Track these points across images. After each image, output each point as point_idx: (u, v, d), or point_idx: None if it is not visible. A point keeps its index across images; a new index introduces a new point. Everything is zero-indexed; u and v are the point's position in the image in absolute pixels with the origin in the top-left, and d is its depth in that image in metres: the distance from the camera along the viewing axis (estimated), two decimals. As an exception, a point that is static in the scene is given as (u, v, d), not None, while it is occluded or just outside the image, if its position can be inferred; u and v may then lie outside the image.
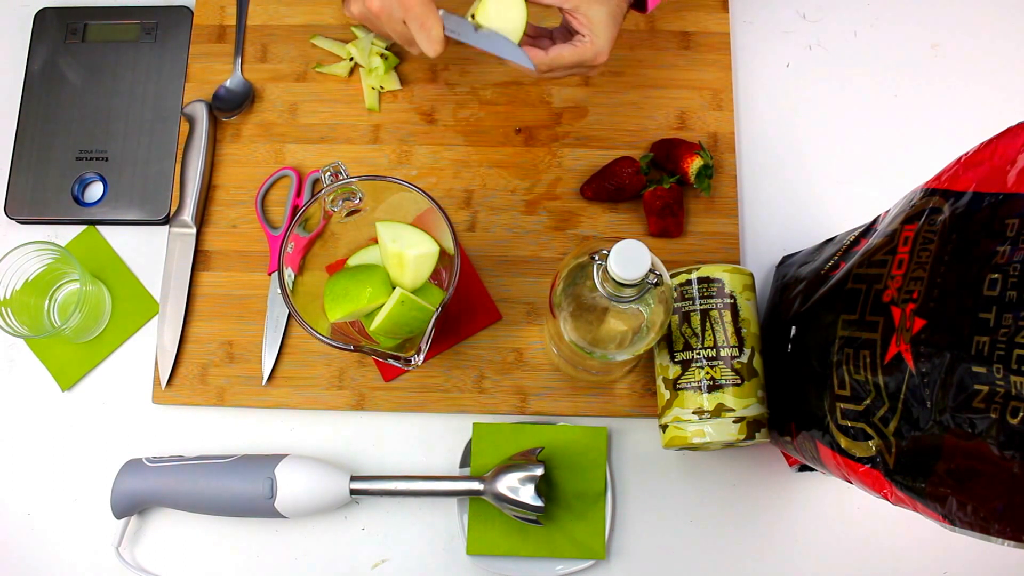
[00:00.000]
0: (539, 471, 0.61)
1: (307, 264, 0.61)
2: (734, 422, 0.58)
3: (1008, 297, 0.37)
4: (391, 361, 0.55)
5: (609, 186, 0.70)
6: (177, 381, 0.69)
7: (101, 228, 0.74)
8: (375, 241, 0.64)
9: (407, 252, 0.61)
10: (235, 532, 0.67)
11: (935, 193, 0.46)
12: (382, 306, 0.60)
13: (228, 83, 0.75)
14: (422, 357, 0.55)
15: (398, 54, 0.75)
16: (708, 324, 0.60)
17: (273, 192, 0.74)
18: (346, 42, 0.76)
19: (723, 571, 0.66)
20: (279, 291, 0.70)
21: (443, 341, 0.69)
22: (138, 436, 0.69)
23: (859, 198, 0.72)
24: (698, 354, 0.60)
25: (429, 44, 0.57)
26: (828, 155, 0.74)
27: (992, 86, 0.75)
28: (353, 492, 0.63)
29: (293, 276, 0.59)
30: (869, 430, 0.46)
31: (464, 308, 0.70)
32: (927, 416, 0.41)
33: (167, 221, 0.73)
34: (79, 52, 0.77)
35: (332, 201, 0.60)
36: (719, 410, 0.58)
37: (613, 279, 0.48)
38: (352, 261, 0.65)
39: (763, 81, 0.76)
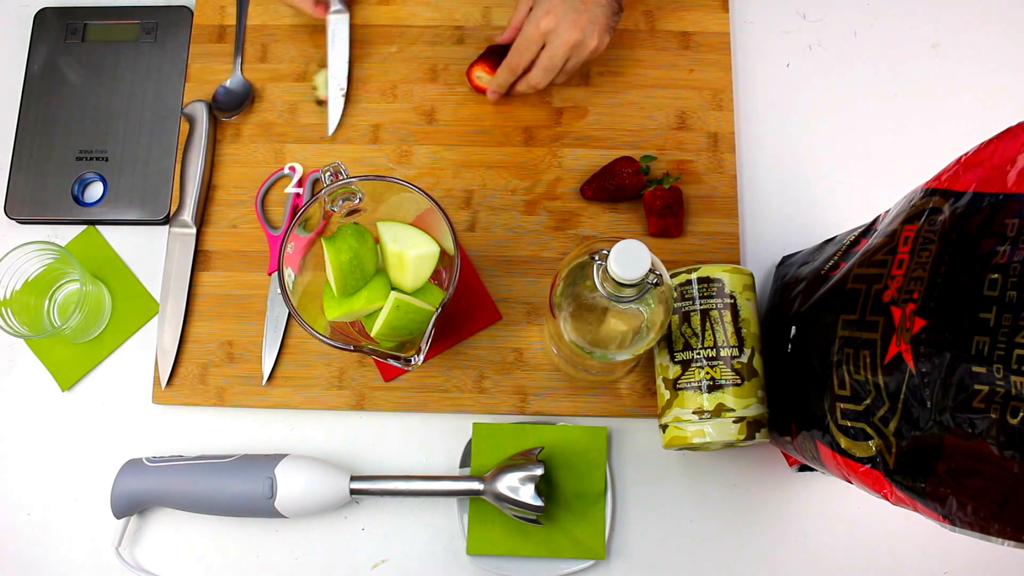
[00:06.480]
0: (539, 471, 0.61)
1: (307, 264, 0.61)
2: (734, 422, 0.58)
3: (1008, 297, 0.37)
4: (391, 361, 0.55)
5: (609, 186, 0.70)
6: (177, 381, 0.69)
7: (101, 228, 0.74)
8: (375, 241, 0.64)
9: (408, 252, 0.61)
10: (235, 532, 0.67)
11: (935, 193, 0.46)
12: (381, 308, 0.60)
13: (228, 83, 0.75)
14: (422, 357, 0.55)
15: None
16: (708, 324, 0.60)
17: (273, 192, 0.74)
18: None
19: (723, 571, 0.66)
20: (279, 291, 0.70)
21: (443, 341, 0.69)
22: (138, 436, 0.69)
23: (859, 198, 0.72)
24: (698, 354, 0.60)
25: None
26: (828, 155, 0.74)
27: (992, 86, 0.75)
28: (353, 492, 0.63)
29: (293, 276, 0.59)
30: (869, 430, 0.46)
31: (464, 308, 0.70)
32: (927, 416, 0.41)
33: (167, 221, 0.73)
34: (79, 52, 0.77)
35: (332, 201, 0.60)
36: (719, 410, 0.58)
37: (613, 279, 0.48)
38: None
39: (763, 81, 0.76)
